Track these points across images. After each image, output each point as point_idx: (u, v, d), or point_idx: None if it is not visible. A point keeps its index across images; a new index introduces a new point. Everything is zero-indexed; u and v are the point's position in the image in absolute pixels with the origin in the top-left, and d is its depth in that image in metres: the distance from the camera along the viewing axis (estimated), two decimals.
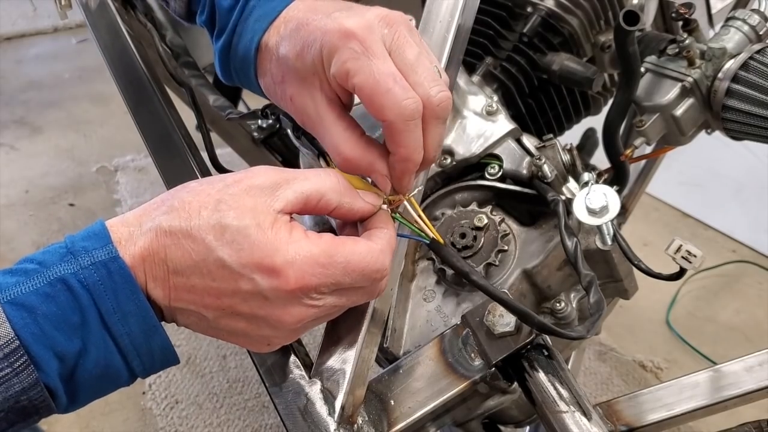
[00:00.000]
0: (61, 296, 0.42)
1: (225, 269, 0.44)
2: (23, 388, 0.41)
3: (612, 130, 0.78)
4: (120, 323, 0.44)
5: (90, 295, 0.43)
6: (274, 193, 0.46)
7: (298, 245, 0.45)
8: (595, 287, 0.57)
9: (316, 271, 0.45)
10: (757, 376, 0.57)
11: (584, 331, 0.54)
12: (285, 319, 0.46)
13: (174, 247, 0.45)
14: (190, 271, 0.45)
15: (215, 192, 0.46)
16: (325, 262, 0.45)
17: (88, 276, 0.43)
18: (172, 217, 0.45)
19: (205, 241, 0.44)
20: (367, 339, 0.54)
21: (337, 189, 0.48)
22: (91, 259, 0.43)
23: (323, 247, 0.45)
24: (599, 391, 1.49)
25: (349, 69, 0.48)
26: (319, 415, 0.50)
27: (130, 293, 0.44)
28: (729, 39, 0.74)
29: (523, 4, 0.84)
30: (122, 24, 0.83)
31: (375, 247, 0.48)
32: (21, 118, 2.54)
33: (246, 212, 0.45)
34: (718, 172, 2.01)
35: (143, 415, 1.46)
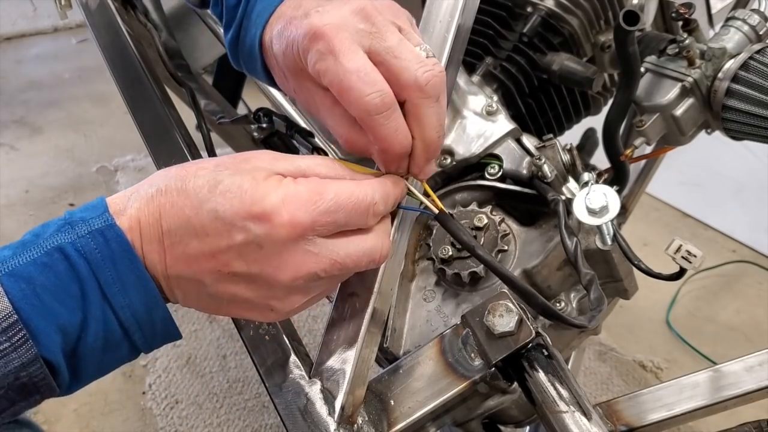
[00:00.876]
0: (59, 265, 0.42)
1: (217, 220, 0.44)
2: (22, 364, 0.40)
3: (612, 130, 0.78)
4: (120, 294, 0.43)
5: (88, 265, 0.42)
6: (274, 162, 0.47)
7: (286, 188, 0.45)
8: (596, 285, 0.57)
9: (307, 208, 0.45)
10: (757, 376, 0.57)
11: (585, 320, 0.56)
12: (281, 273, 0.45)
13: (168, 205, 0.44)
14: (184, 229, 0.44)
15: (217, 159, 0.47)
16: (315, 198, 0.45)
17: (84, 244, 0.43)
18: (169, 178, 0.45)
19: (198, 196, 0.44)
20: (367, 339, 0.54)
21: (333, 170, 0.49)
22: (88, 227, 0.43)
23: (311, 186, 0.46)
24: (599, 391, 1.49)
25: (318, 70, 0.49)
26: (319, 415, 0.50)
27: (129, 262, 0.43)
28: (729, 39, 0.74)
29: (523, 4, 0.84)
30: (122, 24, 0.83)
31: (363, 183, 0.48)
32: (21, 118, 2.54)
33: (242, 171, 0.45)
34: (718, 172, 2.01)
35: (143, 415, 1.46)
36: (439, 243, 0.69)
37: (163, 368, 1.54)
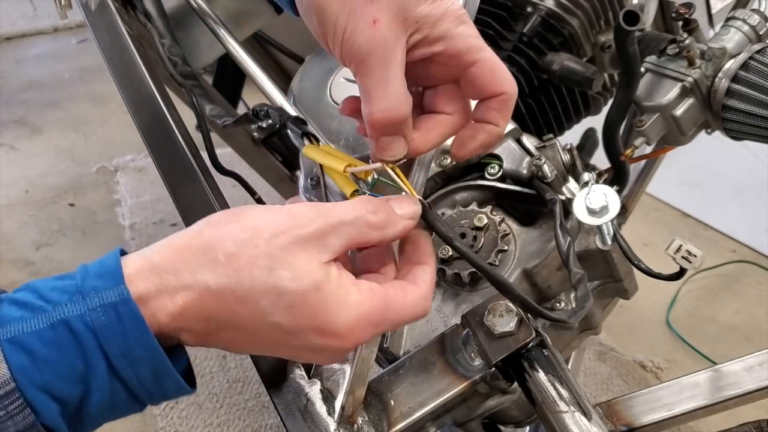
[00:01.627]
0: (63, 340, 0.40)
1: (280, 331, 0.43)
2: (18, 431, 0.39)
3: (612, 130, 0.78)
4: (129, 368, 0.41)
5: (95, 338, 0.40)
6: (324, 243, 0.43)
7: (355, 309, 0.44)
8: (584, 284, 0.58)
9: (369, 332, 0.44)
10: (757, 376, 0.57)
11: (565, 316, 0.56)
12: (322, 361, 0.48)
13: (222, 309, 0.42)
14: (238, 330, 0.43)
15: (263, 244, 0.42)
16: (379, 320, 0.44)
17: (95, 318, 0.40)
18: (218, 275, 0.41)
19: (259, 305, 0.42)
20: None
21: (375, 222, 0.45)
22: (101, 300, 0.41)
23: (377, 305, 0.44)
24: (599, 391, 1.49)
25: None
26: (319, 415, 0.50)
27: (140, 337, 0.41)
28: (729, 39, 0.74)
29: (523, 4, 0.84)
30: (122, 24, 0.83)
31: (421, 295, 0.47)
32: (21, 118, 2.54)
33: (302, 273, 0.42)
34: (718, 172, 2.01)
35: (143, 415, 1.46)
36: (439, 243, 0.69)
37: None
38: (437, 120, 0.50)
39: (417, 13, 0.45)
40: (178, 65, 0.81)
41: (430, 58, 0.47)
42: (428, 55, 0.47)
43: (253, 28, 1.02)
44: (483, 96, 0.49)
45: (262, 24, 1.04)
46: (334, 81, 0.78)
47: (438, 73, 0.49)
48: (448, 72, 0.48)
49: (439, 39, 0.46)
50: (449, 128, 0.50)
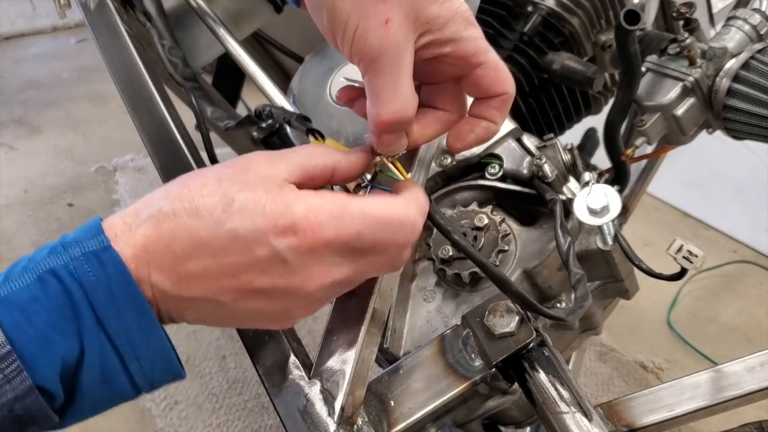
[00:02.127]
0: (52, 288, 0.40)
1: (238, 240, 0.42)
2: (16, 396, 0.38)
3: (613, 129, 0.78)
4: (115, 319, 0.41)
5: (81, 288, 0.40)
6: (275, 166, 0.45)
7: (309, 200, 0.43)
8: (583, 284, 0.57)
9: (331, 222, 0.43)
10: (759, 377, 0.57)
11: (564, 314, 0.55)
12: (307, 285, 0.44)
13: (179, 229, 0.42)
14: (201, 251, 0.42)
15: (214, 171, 0.45)
16: (340, 212, 0.43)
17: (78, 267, 0.40)
18: (172, 200, 0.43)
19: (213, 216, 0.42)
20: (367, 339, 0.54)
21: (325, 151, 0.48)
22: (82, 249, 0.41)
23: (337, 201, 0.44)
24: (600, 392, 1.49)
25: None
26: (318, 416, 0.50)
27: (125, 286, 0.41)
28: (730, 38, 0.74)
29: (524, 4, 0.84)
30: (121, 24, 0.83)
31: (397, 198, 0.46)
32: (20, 118, 2.54)
33: (251, 183, 0.43)
34: (719, 171, 2.01)
35: (142, 415, 1.45)
36: (440, 243, 0.69)
37: None
38: (435, 116, 0.51)
39: (427, 14, 0.45)
40: (178, 66, 0.81)
41: (438, 58, 0.47)
42: (436, 56, 0.47)
43: (252, 28, 1.02)
44: (485, 95, 0.50)
45: (262, 23, 1.04)
46: (334, 80, 0.78)
47: (443, 72, 0.49)
48: (453, 71, 0.49)
49: (448, 41, 0.46)
50: (446, 124, 0.51)
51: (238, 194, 0.43)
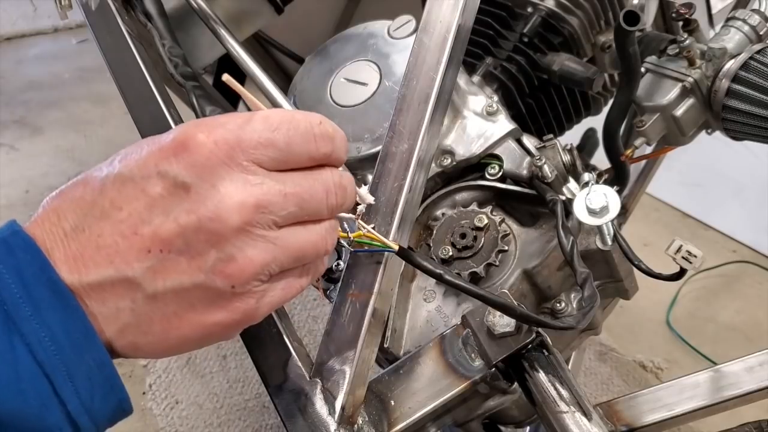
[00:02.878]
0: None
1: (126, 184, 0.35)
2: None
3: (612, 130, 0.78)
4: (34, 319, 0.32)
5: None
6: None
7: (195, 120, 0.37)
8: (590, 283, 0.57)
9: (229, 126, 0.36)
10: (758, 376, 0.57)
11: (573, 321, 0.54)
12: (224, 210, 0.34)
13: (66, 202, 0.36)
14: (90, 217, 0.35)
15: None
16: (237, 116, 0.37)
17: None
18: (64, 184, 0.38)
19: (97, 177, 0.36)
20: (367, 339, 0.54)
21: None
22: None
23: (231, 113, 0.39)
24: (599, 392, 1.49)
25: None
26: (319, 416, 0.50)
27: (40, 272, 0.33)
28: (729, 39, 0.74)
29: (524, 4, 0.84)
30: (122, 24, 0.83)
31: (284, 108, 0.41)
32: (21, 119, 2.54)
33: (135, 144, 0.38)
34: (719, 172, 2.01)
35: (143, 415, 1.46)
36: (440, 243, 0.69)
37: (163, 368, 1.54)
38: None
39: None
40: (178, 66, 0.81)
41: None
42: None
43: (253, 29, 1.02)
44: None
45: (262, 24, 1.04)
46: (334, 81, 0.78)
47: None
48: None
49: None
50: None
51: (119, 152, 0.37)
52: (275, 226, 0.37)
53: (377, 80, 0.75)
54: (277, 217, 0.37)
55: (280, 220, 0.37)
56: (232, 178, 0.35)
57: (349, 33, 0.82)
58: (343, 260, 0.68)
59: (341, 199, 0.42)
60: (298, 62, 1.14)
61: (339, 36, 0.83)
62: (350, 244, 0.52)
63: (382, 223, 0.56)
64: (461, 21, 0.64)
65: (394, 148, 0.60)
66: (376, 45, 0.78)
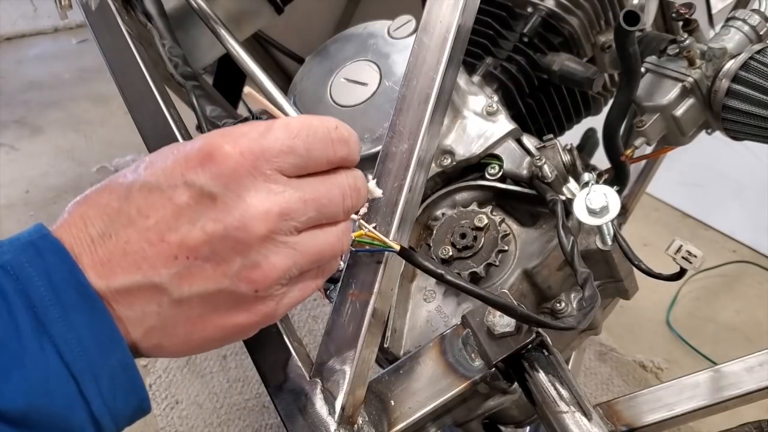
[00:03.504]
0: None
1: (153, 193, 0.36)
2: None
3: (612, 130, 0.78)
4: (61, 321, 0.33)
5: (17, 282, 0.33)
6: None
7: (220, 130, 0.39)
8: (590, 283, 0.57)
9: (253, 136, 0.37)
10: (758, 376, 0.57)
11: (574, 321, 0.54)
12: (249, 220, 0.36)
13: (92, 208, 0.37)
14: (117, 224, 0.36)
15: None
16: (259, 127, 0.38)
17: (12, 260, 0.34)
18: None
19: (122, 184, 0.37)
20: (367, 339, 0.54)
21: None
22: (18, 242, 0.35)
23: (252, 123, 0.40)
24: (599, 392, 1.49)
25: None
26: (319, 416, 0.50)
27: (69, 275, 0.34)
28: (729, 39, 0.74)
29: (524, 4, 0.84)
30: (122, 24, 0.83)
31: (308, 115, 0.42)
32: (21, 118, 2.54)
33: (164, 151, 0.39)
34: (719, 172, 2.01)
35: None
36: (440, 243, 0.69)
37: (164, 368, 1.54)
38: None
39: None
40: (178, 66, 0.81)
41: None
42: None
43: (253, 29, 1.02)
44: None
45: (262, 24, 1.04)
46: (334, 81, 0.78)
47: None
48: None
49: None
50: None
51: (147, 158, 0.38)
52: (296, 231, 0.39)
53: (377, 80, 0.75)
54: (298, 223, 0.39)
55: (301, 226, 0.39)
56: (257, 188, 0.37)
57: (349, 33, 0.82)
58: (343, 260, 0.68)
59: (356, 201, 0.43)
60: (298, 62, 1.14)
61: (339, 36, 0.83)
62: (351, 243, 0.53)
63: (382, 222, 0.56)
64: (461, 21, 0.64)
65: (394, 148, 0.60)
66: (376, 45, 0.78)
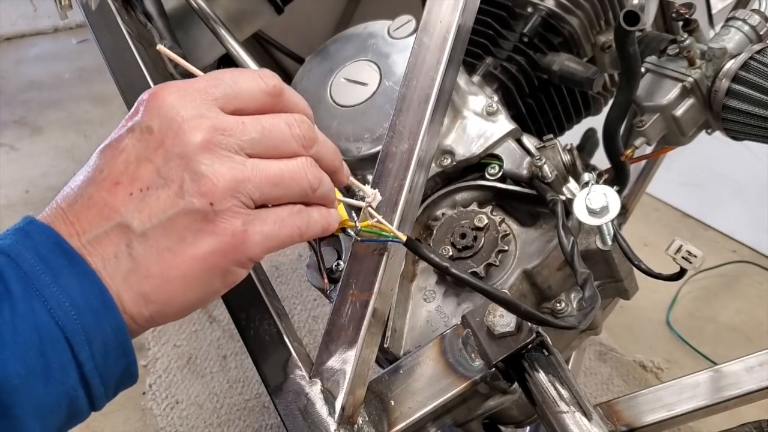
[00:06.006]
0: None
1: (105, 151, 0.40)
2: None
3: (612, 130, 0.78)
4: (53, 285, 0.35)
5: (8, 257, 0.36)
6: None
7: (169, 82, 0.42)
8: (590, 283, 0.57)
9: (177, 80, 0.41)
10: (758, 377, 0.57)
11: (575, 321, 0.54)
12: (185, 132, 0.38)
13: (67, 189, 0.41)
14: (81, 188, 0.39)
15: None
16: (204, 75, 0.42)
17: (2, 244, 0.37)
18: (64, 183, 0.42)
19: (89, 160, 0.41)
20: (368, 339, 0.54)
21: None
22: (7, 232, 0.39)
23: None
24: (599, 392, 1.49)
25: None
26: (319, 416, 0.50)
27: (56, 246, 0.36)
28: (729, 39, 0.74)
29: (524, 4, 0.84)
30: (122, 24, 0.83)
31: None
32: (21, 118, 2.54)
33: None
34: (719, 172, 2.01)
35: (143, 415, 1.46)
36: (440, 243, 0.69)
37: (164, 368, 1.54)
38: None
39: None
40: (178, 66, 0.81)
41: None
42: None
43: (253, 29, 1.02)
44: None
45: (262, 24, 1.04)
46: (334, 81, 0.78)
47: None
48: None
49: None
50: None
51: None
52: (242, 151, 0.40)
53: (377, 80, 0.75)
54: (240, 141, 0.40)
55: (246, 146, 0.41)
56: (188, 109, 0.39)
57: (349, 33, 0.82)
58: (343, 260, 0.68)
59: (306, 132, 0.44)
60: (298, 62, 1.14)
61: (339, 36, 0.83)
62: (357, 233, 0.52)
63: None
64: (461, 21, 0.64)
65: (394, 148, 0.60)
66: (376, 45, 0.78)
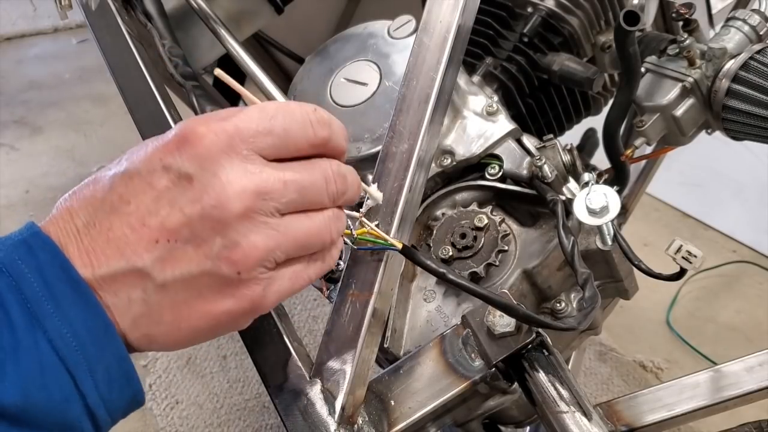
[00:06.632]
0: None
1: (133, 180, 0.37)
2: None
3: (612, 130, 0.78)
4: (56, 316, 0.34)
5: (10, 278, 0.34)
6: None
7: (193, 117, 0.39)
8: (591, 283, 0.57)
9: (228, 117, 0.38)
10: (758, 377, 0.57)
11: (574, 322, 0.54)
12: (225, 198, 0.36)
13: (78, 201, 0.38)
14: (101, 212, 0.37)
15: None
16: (234, 110, 0.39)
17: (4, 257, 0.34)
18: (64, 183, 0.41)
19: (105, 176, 0.38)
20: (368, 339, 0.54)
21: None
22: (10, 240, 0.36)
23: (228, 108, 0.41)
24: (599, 392, 1.49)
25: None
26: (319, 416, 0.50)
27: (61, 271, 0.35)
28: (729, 39, 0.74)
29: (524, 4, 0.84)
30: (122, 24, 0.83)
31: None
32: (21, 118, 2.54)
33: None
34: (719, 172, 2.01)
35: (143, 415, 1.46)
36: (440, 243, 0.69)
37: (164, 368, 1.54)
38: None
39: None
40: (178, 66, 0.81)
41: None
42: None
43: (253, 29, 1.02)
44: None
45: (262, 24, 1.04)
46: (334, 81, 0.78)
47: None
48: None
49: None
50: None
51: (129, 150, 0.40)
52: (277, 213, 0.39)
53: (377, 80, 0.75)
54: (278, 204, 0.39)
55: (282, 207, 0.39)
56: (233, 167, 0.37)
57: (349, 33, 0.82)
58: (343, 260, 0.68)
59: (342, 187, 0.43)
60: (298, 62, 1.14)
61: (339, 36, 0.83)
62: (353, 241, 0.53)
63: (382, 223, 0.56)
64: (461, 21, 0.64)
65: (394, 148, 0.60)
66: (376, 45, 0.78)
